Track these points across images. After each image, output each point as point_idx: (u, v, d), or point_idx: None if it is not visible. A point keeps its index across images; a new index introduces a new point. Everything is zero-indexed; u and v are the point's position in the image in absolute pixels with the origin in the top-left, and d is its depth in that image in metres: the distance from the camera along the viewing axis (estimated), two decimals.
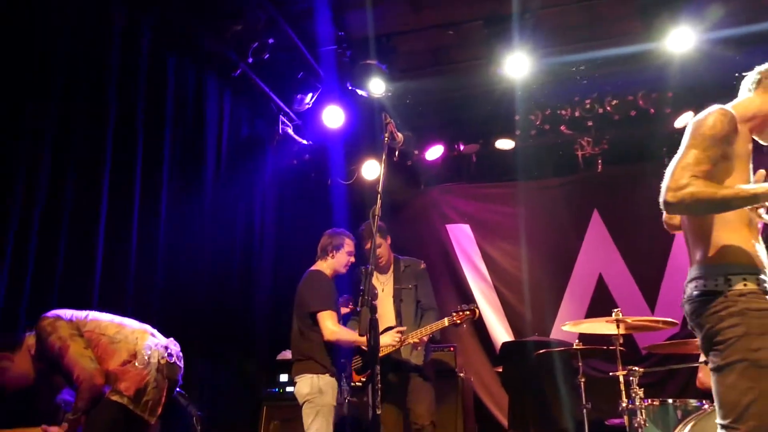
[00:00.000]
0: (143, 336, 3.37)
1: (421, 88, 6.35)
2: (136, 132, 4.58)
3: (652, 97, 6.06)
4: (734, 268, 2.34)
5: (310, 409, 3.90)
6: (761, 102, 2.54)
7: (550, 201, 6.78)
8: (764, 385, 2.22)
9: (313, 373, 3.96)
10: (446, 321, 4.43)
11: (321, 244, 4.31)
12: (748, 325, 2.28)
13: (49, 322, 3.23)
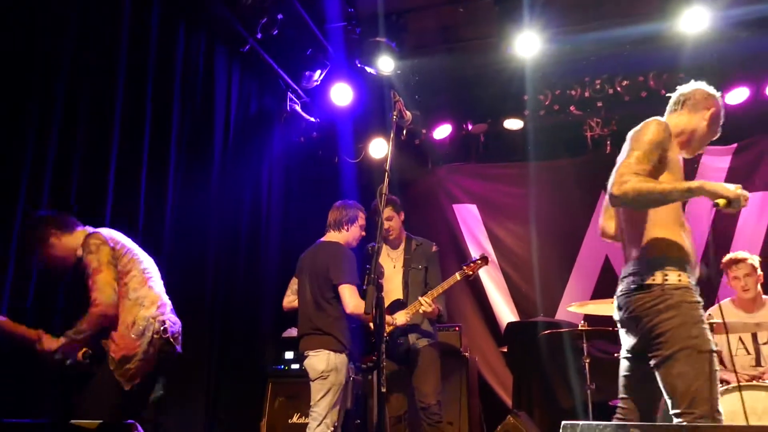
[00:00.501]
0: (152, 305, 3.37)
1: (430, 66, 6.31)
2: (145, 104, 4.56)
3: (663, 78, 6.00)
4: (670, 264, 2.57)
5: (322, 386, 3.87)
6: (687, 120, 2.90)
7: (557, 182, 6.74)
8: (707, 368, 2.44)
9: (330, 350, 3.91)
10: (458, 275, 4.44)
11: (334, 217, 4.25)
12: (685, 316, 2.50)
13: (96, 243, 3.34)
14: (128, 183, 4.33)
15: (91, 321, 3.23)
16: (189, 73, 5.14)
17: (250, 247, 5.82)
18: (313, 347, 3.98)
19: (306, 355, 4.01)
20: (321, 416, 3.83)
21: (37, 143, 3.70)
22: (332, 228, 4.25)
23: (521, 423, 4.17)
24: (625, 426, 1.97)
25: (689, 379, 2.45)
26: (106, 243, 3.36)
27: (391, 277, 4.53)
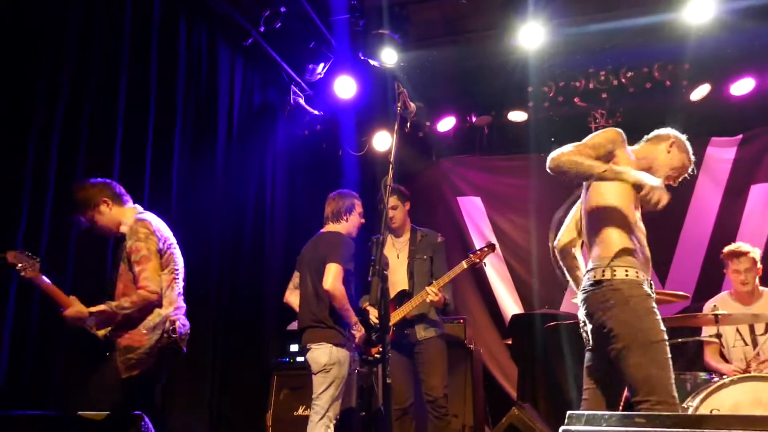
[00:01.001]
0: (169, 306, 3.43)
1: (433, 58, 6.28)
2: (148, 98, 4.56)
3: (668, 69, 5.97)
4: (620, 261, 2.74)
5: (324, 379, 3.86)
6: (648, 150, 3.20)
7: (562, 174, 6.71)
8: (660, 357, 2.62)
9: (332, 344, 3.90)
10: (464, 263, 4.45)
11: (332, 208, 4.24)
12: (634, 309, 2.66)
13: (146, 232, 3.42)
14: (132, 177, 4.33)
15: (136, 301, 3.29)
16: (192, 67, 5.15)
17: (254, 240, 5.83)
18: (315, 340, 3.96)
19: (308, 348, 3.99)
20: (323, 409, 3.82)
21: (41, 138, 3.70)
22: (331, 220, 4.24)
23: (526, 415, 4.17)
24: (630, 415, 1.98)
25: (644, 368, 2.59)
26: (155, 234, 3.44)
27: (395, 267, 4.52)
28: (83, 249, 3.93)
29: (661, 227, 6.28)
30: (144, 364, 3.28)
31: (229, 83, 5.70)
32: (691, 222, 6.28)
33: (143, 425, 2.64)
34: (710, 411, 3.46)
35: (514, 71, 6.20)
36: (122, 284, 3.40)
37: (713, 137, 6.34)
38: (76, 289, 3.79)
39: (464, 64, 6.43)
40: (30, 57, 3.68)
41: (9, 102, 3.57)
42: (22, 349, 3.53)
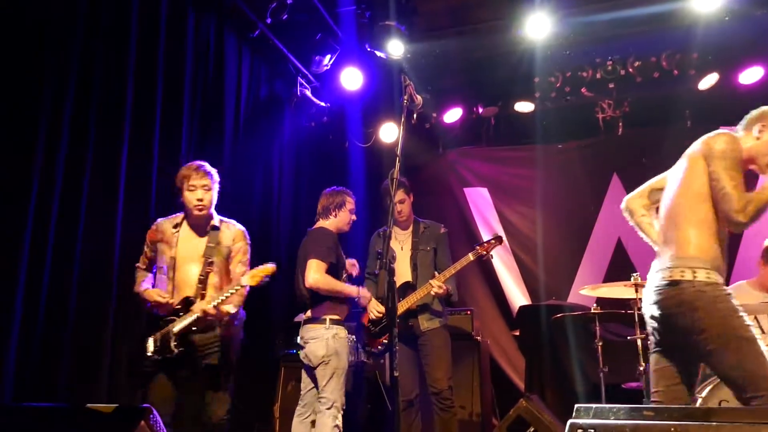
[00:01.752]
0: None
1: (440, 49, 6.26)
2: (156, 89, 4.57)
3: (676, 58, 5.93)
4: (701, 263, 2.69)
5: (325, 371, 3.86)
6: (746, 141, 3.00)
7: (569, 164, 6.71)
8: (755, 350, 2.57)
9: (327, 336, 3.91)
10: (471, 255, 4.44)
11: (322, 204, 4.26)
12: (722, 309, 2.62)
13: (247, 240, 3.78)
14: (139, 168, 4.34)
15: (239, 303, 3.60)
16: (199, 59, 5.15)
17: (261, 231, 5.82)
18: (310, 334, 3.99)
19: (305, 342, 4.01)
20: (331, 401, 3.82)
21: (49, 128, 3.71)
22: (320, 216, 4.26)
23: (534, 406, 4.17)
24: (639, 408, 1.97)
25: (743, 366, 2.57)
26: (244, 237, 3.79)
27: (399, 259, 4.51)
28: (90, 245, 3.94)
29: None
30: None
31: (236, 75, 5.70)
32: None
33: (152, 418, 2.65)
34: (719, 402, 3.46)
35: (521, 62, 6.18)
36: (218, 278, 3.56)
37: (722, 126, 6.26)
38: (83, 287, 3.83)
39: (471, 55, 6.40)
40: (36, 47, 3.69)
41: (17, 91, 3.57)
42: (31, 341, 3.55)
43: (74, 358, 3.77)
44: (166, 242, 3.55)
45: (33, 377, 3.53)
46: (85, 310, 3.86)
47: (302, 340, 4.07)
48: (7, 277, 3.42)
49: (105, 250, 4.03)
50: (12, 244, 3.45)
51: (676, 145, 6.13)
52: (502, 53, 6.24)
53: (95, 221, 3.98)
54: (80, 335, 3.82)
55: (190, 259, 3.52)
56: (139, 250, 3.74)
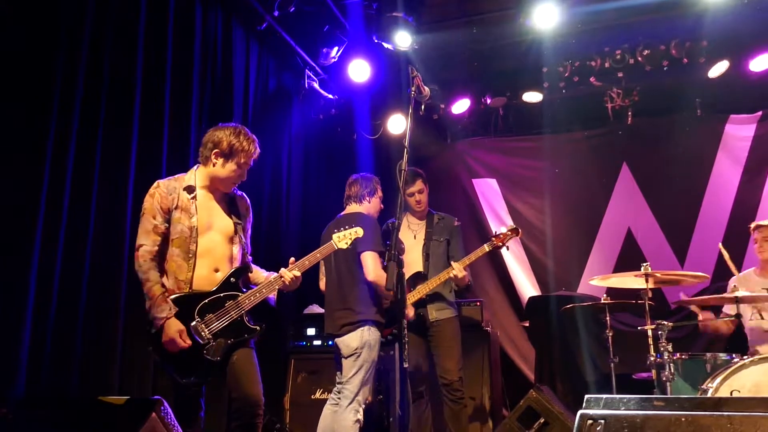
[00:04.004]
0: None
1: (447, 40, 6.24)
2: (164, 82, 4.57)
3: (685, 46, 5.87)
4: None
5: (354, 363, 3.82)
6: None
7: (578, 154, 6.69)
8: None
9: (362, 327, 3.86)
10: (486, 246, 4.46)
11: (355, 190, 4.20)
12: None
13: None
14: (148, 161, 4.35)
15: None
16: (207, 52, 5.15)
17: (270, 223, 5.85)
18: (345, 324, 3.91)
19: (339, 332, 3.94)
20: (353, 393, 3.78)
21: (59, 122, 3.72)
22: (353, 201, 4.20)
23: (544, 397, 4.16)
24: (649, 398, 1.97)
25: None
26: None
27: (411, 248, 4.52)
28: (100, 239, 3.96)
29: (679, 207, 6.27)
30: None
31: (244, 68, 5.70)
32: (710, 201, 6.22)
33: (163, 410, 2.66)
34: (730, 392, 3.44)
35: (529, 52, 6.15)
36: (239, 248, 3.33)
37: (732, 114, 6.26)
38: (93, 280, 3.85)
39: (478, 45, 6.37)
40: (46, 40, 3.69)
41: (27, 86, 3.58)
42: (43, 334, 3.57)
43: (86, 351, 3.79)
44: (184, 209, 3.17)
45: (45, 370, 3.56)
46: (96, 304, 3.87)
47: (329, 331, 4.03)
48: (19, 271, 3.44)
49: (115, 245, 4.04)
50: (23, 238, 3.47)
51: (686, 133, 6.21)
52: (510, 43, 6.21)
53: (105, 215, 4.00)
54: (92, 328, 3.84)
55: (211, 227, 3.22)
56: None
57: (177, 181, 3.24)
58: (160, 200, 3.14)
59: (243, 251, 3.35)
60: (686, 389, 3.91)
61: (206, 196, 3.27)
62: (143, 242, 3.10)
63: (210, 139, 3.26)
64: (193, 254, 3.13)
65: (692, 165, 6.27)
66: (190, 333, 3.01)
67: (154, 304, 3.01)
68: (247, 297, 3.17)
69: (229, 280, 3.18)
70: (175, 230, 3.13)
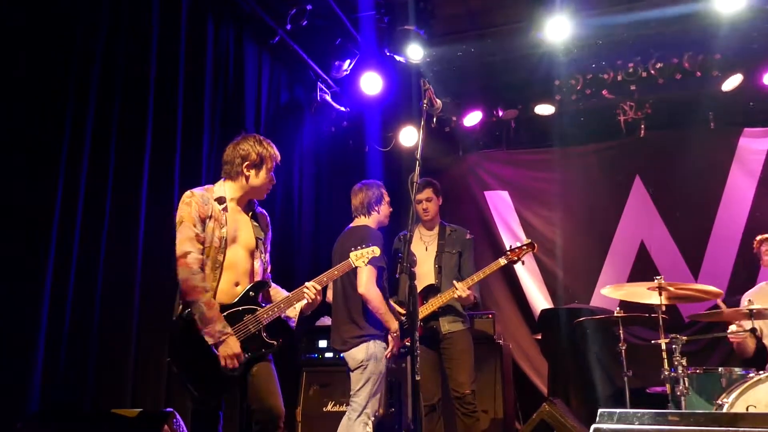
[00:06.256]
0: None
1: (459, 53, 6.27)
2: (177, 95, 4.61)
3: (698, 59, 5.88)
4: None
5: (362, 376, 3.84)
6: None
7: (590, 167, 6.67)
8: None
9: (368, 340, 3.88)
10: (501, 260, 4.45)
11: (361, 200, 4.19)
12: None
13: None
14: (162, 175, 4.38)
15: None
16: (219, 66, 5.19)
17: (282, 237, 5.86)
18: (350, 337, 3.93)
19: (346, 344, 3.95)
20: (361, 406, 3.80)
21: (72, 137, 3.75)
22: (361, 212, 4.19)
23: (557, 410, 4.13)
24: (664, 413, 1.95)
25: None
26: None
27: (423, 260, 4.51)
28: (113, 251, 3.98)
29: (693, 221, 6.23)
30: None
31: (256, 81, 5.74)
32: (724, 215, 6.18)
33: (175, 422, 2.67)
34: (746, 407, 3.40)
35: (541, 64, 6.16)
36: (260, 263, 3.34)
37: (746, 128, 6.23)
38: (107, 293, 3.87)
39: (490, 58, 6.39)
40: (59, 58, 3.74)
41: (40, 104, 3.63)
42: (57, 347, 3.59)
43: (99, 364, 3.80)
44: (216, 220, 3.15)
45: (59, 383, 3.57)
46: (109, 317, 3.89)
47: (335, 345, 4.05)
48: (33, 284, 3.46)
49: (128, 258, 4.07)
50: (38, 249, 3.50)
51: (699, 146, 6.18)
52: (522, 56, 6.22)
53: (119, 229, 4.02)
54: (105, 341, 3.85)
55: (236, 240, 3.21)
56: (162, 257, 3.69)
57: (208, 192, 3.24)
58: (198, 208, 3.11)
59: (264, 267, 3.36)
60: (701, 404, 3.87)
61: (235, 209, 3.28)
62: (190, 249, 3.04)
63: (236, 155, 3.28)
64: (220, 265, 3.11)
65: (706, 178, 6.24)
66: (209, 347, 2.99)
67: (216, 317, 2.97)
68: (266, 312, 3.16)
69: (249, 293, 3.17)
70: (207, 240, 3.11)
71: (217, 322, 2.95)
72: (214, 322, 2.94)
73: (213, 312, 2.96)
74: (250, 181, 3.28)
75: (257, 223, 3.36)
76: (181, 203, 3.16)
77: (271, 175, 3.35)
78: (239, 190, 3.29)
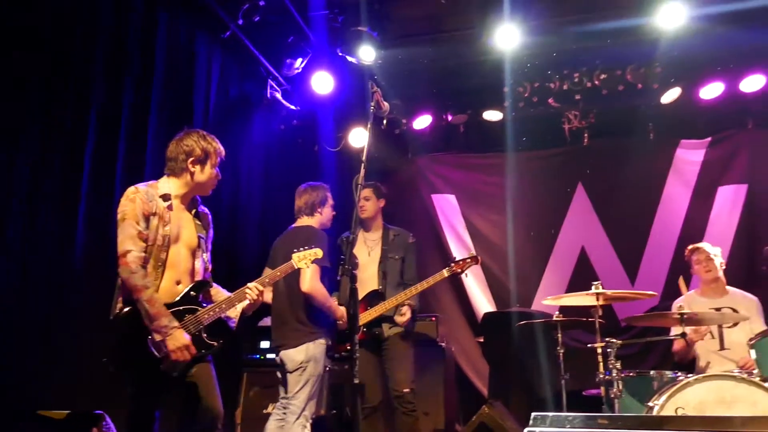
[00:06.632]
0: None
1: (411, 56, 6.29)
2: (123, 88, 4.51)
3: (640, 71, 6.06)
4: None
5: (301, 377, 3.82)
6: None
7: (536, 173, 6.80)
8: None
9: (309, 341, 3.88)
10: (445, 272, 4.49)
11: (305, 201, 4.20)
12: None
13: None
14: (104, 169, 4.29)
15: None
16: (169, 59, 5.09)
17: (228, 234, 5.79)
18: (291, 338, 3.93)
19: (283, 345, 3.95)
20: (299, 409, 3.79)
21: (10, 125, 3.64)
22: (305, 213, 4.20)
23: (496, 413, 4.21)
24: (594, 416, 2.01)
25: None
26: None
27: (366, 265, 4.51)
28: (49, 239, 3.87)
29: (631, 228, 6.43)
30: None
31: (206, 75, 5.66)
32: (661, 223, 6.39)
33: (105, 425, 2.61)
34: (675, 409, 3.53)
35: (491, 71, 6.24)
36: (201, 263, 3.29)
37: (683, 139, 6.46)
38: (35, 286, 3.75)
39: (442, 62, 6.45)
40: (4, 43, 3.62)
41: None
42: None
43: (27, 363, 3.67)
44: (160, 217, 3.10)
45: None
46: (39, 314, 3.76)
47: (277, 343, 4.02)
48: None
49: (64, 252, 3.96)
50: None
51: (639, 156, 6.38)
52: (473, 62, 6.29)
53: (56, 222, 3.91)
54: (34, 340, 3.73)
55: (178, 238, 3.17)
56: (101, 253, 3.60)
57: (152, 188, 3.17)
58: (142, 205, 3.05)
59: (204, 266, 3.31)
60: (634, 406, 3.99)
61: (179, 206, 3.24)
62: (131, 248, 2.98)
63: (180, 151, 3.23)
64: (162, 264, 3.08)
65: (644, 187, 6.44)
66: (148, 347, 2.94)
67: (160, 312, 2.93)
68: (207, 312, 3.11)
69: (190, 293, 3.13)
70: (151, 237, 3.06)
71: (162, 317, 2.91)
72: (159, 318, 2.90)
73: (156, 308, 2.92)
74: (195, 177, 3.24)
75: (199, 222, 3.31)
76: (124, 199, 3.09)
77: (216, 171, 3.31)
78: (184, 186, 3.25)
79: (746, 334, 4.20)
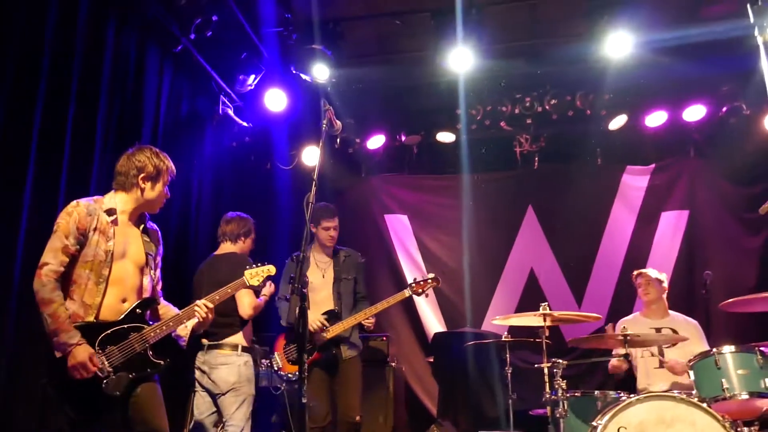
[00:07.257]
0: None
1: (365, 76, 6.33)
2: (68, 103, 4.37)
3: (589, 98, 6.24)
4: None
5: (236, 398, 3.83)
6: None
7: (487, 195, 6.89)
8: None
9: (240, 361, 3.90)
10: (406, 292, 4.56)
11: (232, 229, 4.37)
12: None
13: None
14: (47, 184, 4.14)
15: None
16: (118, 71, 4.97)
17: (177, 253, 5.66)
18: (219, 359, 3.96)
19: (213, 368, 3.97)
20: (239, 428, 3.80)
21: None
22: (228, 239, 4.34)
23: None
24: None
25: None
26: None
27: (320, 287, 4.52)
28: None
29: (578, 250, 6.57)
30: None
31: (156, 89, 5.54)
32: (607, 246, 6.55)
33: None
34: (618, 429, 3.59)
35: (444, 93, 6.34)
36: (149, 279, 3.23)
37: (628, 165, 6.66)
38: None
39: (396, 83, 6.52)
40: None
41: None
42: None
43: None
44: (102, 232, 3.03)
45: None
46: None
47: (206, 365, 3.98)
48: None
49: (3, 266, 3.81)
50: None
51: (587, 180, 6.54)
52: (427, 83, 6.38)
53: None
54: None
55: (125, 254, 3.10)
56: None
57: (97, 203, 3.11)
58: (78, 220, 2.98)
59: (153, 283, 3.24)
60: (578, 426, 4.04)
61: (125, 222, 3.18)
62: (49, 261, 2.92)
63: (132, 166, 3.19)
64: (105, 280, 3.00)
65: (591, 211, 6.60)
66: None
67: (60, 329, 2.82)
68: (153, 330, 3.04)
69: (135, 311, 3.05)
70: (90, 252, 2.98)
71: (61, 333, 2.81)
72: (59, 334, 2.81)
73: (57, 324, 2.82)
74: (145, 194, 3.19)
75: (148, 238, 3.25)
76: (63, 211, 3.04)
77: (166, 189, 3.27)
78: (132, 202, 3.20)
79: (685, 355, 4.33)
